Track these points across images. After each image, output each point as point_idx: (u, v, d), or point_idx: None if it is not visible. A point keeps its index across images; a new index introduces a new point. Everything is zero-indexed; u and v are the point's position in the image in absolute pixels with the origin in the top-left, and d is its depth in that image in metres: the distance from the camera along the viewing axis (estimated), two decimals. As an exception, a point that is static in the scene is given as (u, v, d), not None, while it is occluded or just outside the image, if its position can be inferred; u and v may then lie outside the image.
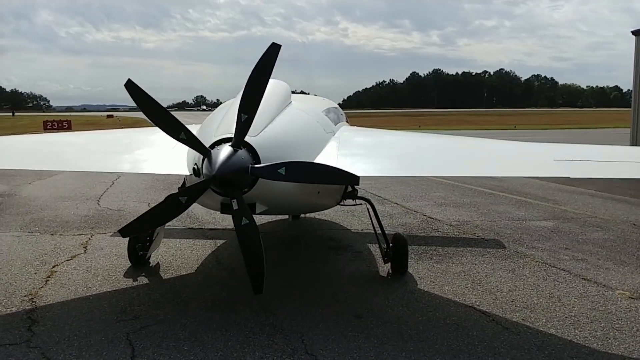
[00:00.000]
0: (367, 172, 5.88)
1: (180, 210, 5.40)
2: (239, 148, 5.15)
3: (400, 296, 6.65)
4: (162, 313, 6.05)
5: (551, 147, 6.77)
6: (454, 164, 6.16)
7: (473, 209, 12.34)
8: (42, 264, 7.82)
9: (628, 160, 6.14)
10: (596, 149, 6.65)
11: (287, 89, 7.05)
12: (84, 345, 5.23)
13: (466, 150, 6.89)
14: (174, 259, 8.12)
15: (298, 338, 5.44)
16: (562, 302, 6.48)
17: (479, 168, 6.08)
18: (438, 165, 6.10)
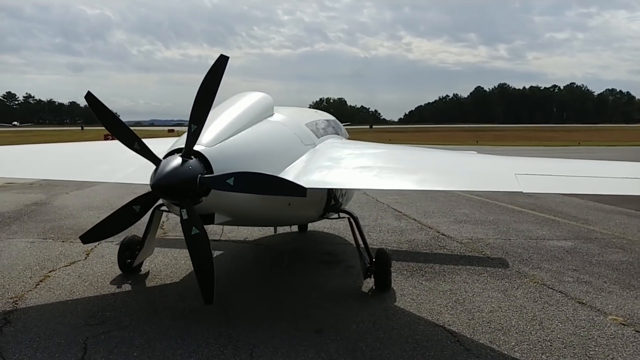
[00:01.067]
0: (325, 184, 5.83)
1: (135, 218, 5.53)
2: (189, 158, 5.21)
3: (372, 313, 6.50)
4: (128, 319, 6.17)
5: (515, 161, 6.51)
6: (409, 177, 5.99)
7: (492, 226, 11.91)
8: (40, 268, 8.15)
9: (597, 176, 5.79)
10: (564, 164, 6.35)
11: (267, 102, 7.09)
12: (41, 347, 5.41)
13: (426, 163, 6.73)
14: (165, 268, 8.29)
15: (248, 350, 5.41)
16: (542, 326, 6.14)
17: (432, 182, 5.89)
18: (390, 179, 5.95)
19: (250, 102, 6.88)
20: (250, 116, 6.50)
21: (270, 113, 7.12)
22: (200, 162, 5.29)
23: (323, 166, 6.33)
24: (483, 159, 6.83)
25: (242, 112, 6.49)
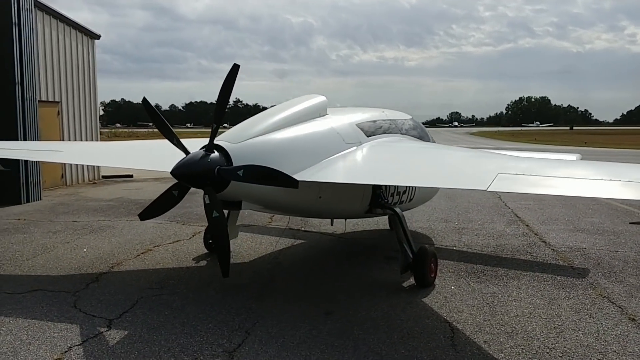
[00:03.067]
0: (317, 178, 6.32)
1: (174, 201, 6.60)
2: (211, 152, 6.13)
3: (393, 304, 6.78)
4: (182, 288, 7.36)
5: (507, 163, 6.26)
6: (391, 175, 6.23)
7: (611, 237, 10.91)
8: (150, 243, 9.82)
9: (584, 178, 5.40)
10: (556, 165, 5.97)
11: (319, 104, 7.77)
12: (104, 299, 6.82)
13: (419, 162, 6.95)
14: (246, 250, 9.38)
15: (254, 320, 6.16)
16: (559, 334, 5.87)
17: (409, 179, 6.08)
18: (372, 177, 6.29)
19: (300, 104, 7.63)
20: (293, 117, 7.24)
21: (321, 114, 7.76)
22: (222, 156, 6.14)
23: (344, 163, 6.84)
24: (474, 159, 6.79)
25: (285, 114, 7.25)
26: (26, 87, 14.39)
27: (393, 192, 8.21)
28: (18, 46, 14.12)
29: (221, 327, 5.95)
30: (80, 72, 19.65)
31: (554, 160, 7.48)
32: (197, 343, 5.53)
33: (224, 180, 6.02)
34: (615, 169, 6.04)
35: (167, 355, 5.23)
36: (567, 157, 10.26)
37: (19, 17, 14.11)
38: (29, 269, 8.23)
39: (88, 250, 9.36)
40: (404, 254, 7.47)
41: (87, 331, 5.79)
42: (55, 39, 18.12)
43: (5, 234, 10.69)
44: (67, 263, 8.54)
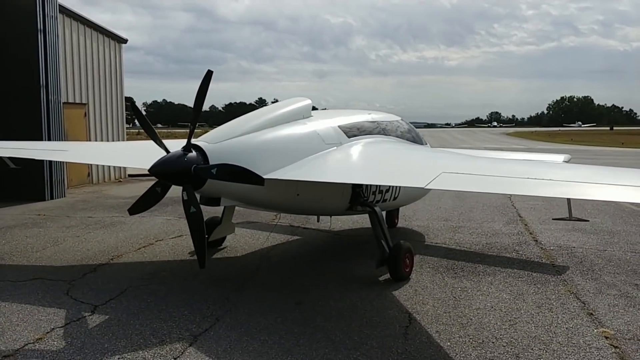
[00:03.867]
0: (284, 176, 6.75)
1: (158, 197, 7.11)
2: (189, 151, 6.62)
3: (362, 296, 7.14)
4: (171, 279, 7.89)
5: (452, 162, 6.56)
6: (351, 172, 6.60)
7: (606, 237, 10.97)
8: (153, 238, 10.42)
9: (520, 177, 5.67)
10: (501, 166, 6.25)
11: (303, 107, 8.21)
12: (96, 288, 7.40)
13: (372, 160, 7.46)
14: (242, 245, 9.87)
15: (228, 308, 6.64)
16: (513, 328, 6.13)
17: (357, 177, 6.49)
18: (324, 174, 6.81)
19: (284, 107, 8.09)
20: (275, 119, 7.71)
21: (305, 116, 8.20)
22: (200, 155, 6.63)
23: (320, 163, 7.26)
24: (426, 159, 7.21)
25: (267, 116, 7.73)
26: (51, 90, 15.26)
27: (375, 190, 8.55)
28: (43, 51, 14.99)
29: (194, 314, 6.44)
30: (107, 74, 20.57)
31: (504, 160, 7.76)
32: (168, 327, 6.02)
33: (200, 178, 6.49)
34: (568, 171, 6.29)
35: (137, 337, 5.74)
36: (554, 159, 10.42)
37: (44, 24, 14.98)
38: (35, 259, 8.91)
39: (94, 244, 10.01)
40: (380, 250, 7.82)
41: (72, 315, 6.36)
42: (82, 43, 19.05)
43: (23, 227, 11.48)
44: (72, 255, 9.19)
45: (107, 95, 20.49)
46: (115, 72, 21.13)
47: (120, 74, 21.48)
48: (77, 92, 18.78)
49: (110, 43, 20.81)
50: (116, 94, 21.21)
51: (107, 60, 20.54)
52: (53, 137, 15.33)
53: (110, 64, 20.82)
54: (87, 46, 19.29)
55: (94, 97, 19.75)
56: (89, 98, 19.46)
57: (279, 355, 5.33)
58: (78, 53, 18.81)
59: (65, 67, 17.87)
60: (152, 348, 5.47)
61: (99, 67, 20.01)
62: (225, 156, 6.65)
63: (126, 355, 5.32)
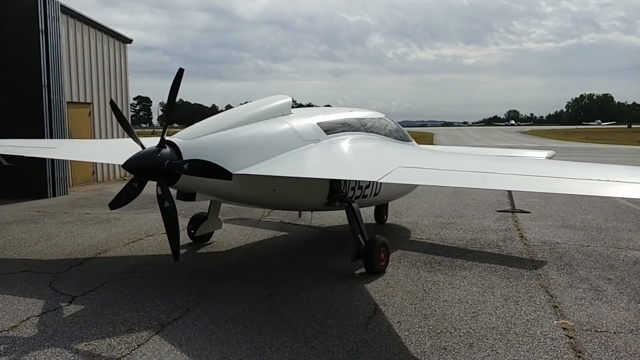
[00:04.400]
0: (255, 171, 6.93)
1: (136, 192, 7.34)
2: (163, 147, 6.84)
3: (334, 288, 7.30)
4: (152, 272, 8.13)
5: (410, 157, 6.73)
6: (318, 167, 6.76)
7: (593, 233, 10.99)
8: (143, 234, 10.69)
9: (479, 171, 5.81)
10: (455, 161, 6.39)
11: (282, 104, 8.40)
12: (79, 280, 7.65)
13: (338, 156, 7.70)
14: (229, 241, 10.09)
15: (200, 299, 6.84)
16: (475, 319, 6.25)
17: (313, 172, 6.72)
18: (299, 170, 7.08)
19: (263, 104, 8.28)
20: (253, 116, 7.91)
21: (284, 113, 8.38)
22: (173, 151, 6.85)
23: (295, 159, 7.44)
24: (388, 155, 7.36)
25: (245, 113, 7.94)
26: (53, 90, 15.63)
27: (354, 186, 8.71)
28: (45, 52, 15.36)
29: (167, 305, 6.66)
30: (112, 74, 20.96)
31: (465, 156, 7.92)
32: (139, 317, 6.25)
33: (173, 173, 6.70)
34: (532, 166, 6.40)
35: (108, 326, 5.97)
36: (537, 155, 10.51)
37: (46, 25, 15.35)
38: (26, 254, 9.22)
39: (85, 239, 10.30)
40: (356, 244, 7.98)
41: (50, 305, 6.61)
42: (87, 43, 19.43)
43: (20, 223, 11.82)
44: (62, 249, 9.48)
45: (111, 94, 20.86)
46: (120, 72, 21.51)
47: (125, 73, 21.86)
48: (81, 92, 19.16)
49: (115, 43, 21.18)
50: (121, 93, 21.59)
51: (111, 60, 20.92)
52: (55, 136, 15.70)
53: (115, 64, 21.20)
54: (91, 46, 19.68)
55: (99, 97, 20.14)
56: (93, 97, 19.85)
57: (240, 343, 5.51)
58: (82, 53, 19.19)
59: (69, 67, 18.26)
60: (119, 336, 5.70)
61: (103, 67, 20.39)
62: (198, 152, 6.86)
63: (93, 342, 5.54)
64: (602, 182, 5.27)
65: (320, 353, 5.29)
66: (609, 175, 5.44)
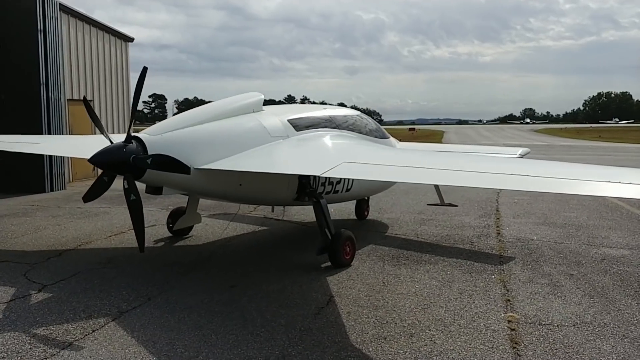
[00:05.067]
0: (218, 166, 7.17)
1: (106, 186, 7.60)
2: (129, 143, 7.10)
3: (294, 280, 7.52)
4: (126, 264, 8.40)
5: (354, 152, 6.93)
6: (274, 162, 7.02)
7: (571, 230, 11.08)
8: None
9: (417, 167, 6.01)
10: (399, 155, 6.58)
11: (252, 101, 8.63)
12: (54, 270, 7.94)
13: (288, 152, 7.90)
14: (204, 234, 10.34)
15: (166, 289, 7.10)
16: (423, 311, 6.43)
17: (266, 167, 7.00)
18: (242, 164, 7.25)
19: (234, 101, 8.52)
20: (222, 112, 8.15)
21: (255, 109, 8.61)
22: (139, 146, 7.10)
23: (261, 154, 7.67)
24: (337, 150, 7.61)
25: (214, 110, 8.18)
26: (51, 88, 16.02)
27: (324, 182, 8.90)
28: (43, 51, 15.75)
29: (130, 294, 6.92)
30: (113, 72, 21.36)
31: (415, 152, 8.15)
32: (101, 305, 6.52)
33: (138, 167, 6.95)
34: (482, 163, 6.58)
35: (69, 313, 6.25)
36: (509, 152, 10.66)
37: (45, 24, 15.74)
38: (11, 245, 9.56)
39: (71, 231, 10.63)
40: (322, 238, 8.18)
41: (19, 293, 6.92)
42: (87, 42, 19.84)
43: (12, 216, 12.21)
44: (45, 241, 9.81)
45: (112, 92, 21.27)
46: (121, 70, 21.92)
47: (126, 71, 22.26)
48: (82, 89, 19.57)
49: (116, 42, 21.58)
50: (122, 91, 21.99)
51: (112, 58, 21.33)
52: (53, 133, 16.09)
53: (117, 62, 21.60)
54: (92, 45, 20.08)
55: (99, 94, 20.55)
56: (94, 95, 20.25)
57: (189, 330, 5.76)
58: (83, 51, 19.60)
59: (70, 65, 18.67)
60: (77, 322, 5.97)
61: (104, 65, 20.80)
62: (162, 147, 7.10)
63: (52, 327, 5.82)
64: (527, 177, 5.44)
65: (264, 340, 5.51)
66: (552, 172, 5.60)
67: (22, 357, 5.12)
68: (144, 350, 5.27)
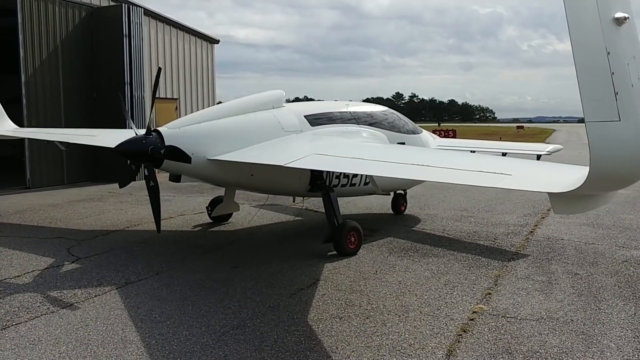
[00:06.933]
0: (228, 158, 7.84)
1: (133, 174, 8.60)
2: (150, 135, 8.03)
3: (293, 265, 8.03)
4: (145, 244, 9.37)
5: (325, 145, 7.27)
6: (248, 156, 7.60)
7: (614, 232, 10.55)
8: (180, 213, 12.07)
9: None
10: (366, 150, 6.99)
11: (273, 97, 9.27)
12: (95, 247, 9.09)
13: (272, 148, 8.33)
14: (237, 222, 11.15)
15: (168, 267, 7.95)
16: (396, 298, 6.70)
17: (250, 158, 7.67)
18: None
19: (254, 98, 9.22)
20: (240, 108, 8.88)
21: (275, 105, 9.24)
22: (158, 138, 8.01)
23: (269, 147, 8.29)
24: (315, 142, 7.96)
25: (233, 106, 8.93)
26: (134, 87, 17.71)
27: (339, 175, 9.33)
28: (128, 53, 17.47)
29: (145, 269, 7.83)
30: (198, 72, 23.01)
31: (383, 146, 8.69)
32: (115, 276, 7.47)
33: (155, 157, 7.84)
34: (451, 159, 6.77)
35: (86, 280, 7.25)
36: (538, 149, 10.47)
37: (129, 29, 17.44)
38: (73, 224, 10.95)
39: (129, 215, 11.90)
40: (329, 228, 8.64)
41: (56, 262, 8.07)
42: (174, 44, 21.57)
43: (87, 201, 13.81)
44: (102, 222, 11.11)
45: (197, 90, 22.90)
46: (207, 70, 23.52)
47: (212, 71, 23.84)
48: (168, 88, 21.32)
49: (202, 44, 23.20)
50: (208, 90, 23.59)
51: (198, 59, 22.96)
52: (137, 128, 17.74)
53: (202, 63, 23.22)
54: (178, 47, 21.79)
55: (185, 93, 22.23)
56: (179, 93, 21.95)
57: (174, 301, 6.50)
58: (170, 53, 21.34)
59: (157, 65, 20.40)
60: (87, 288, 6.94)
61: (190, 66, 22.45)
62: (177, 140, 7.93)
63: (65, 291, 6.83)
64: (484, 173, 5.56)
65: (231, 312, 6.12)
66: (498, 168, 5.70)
67: (29, 311, 6.11)
68: (125, 313, 6.08)
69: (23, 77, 16.12)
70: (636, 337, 5.55)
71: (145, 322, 5.83)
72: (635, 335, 5.59)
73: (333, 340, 5.40)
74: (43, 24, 16.59)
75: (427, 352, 5.19)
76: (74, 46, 17.57)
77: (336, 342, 5.38)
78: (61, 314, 6.08)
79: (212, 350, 5.15)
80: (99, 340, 5.39)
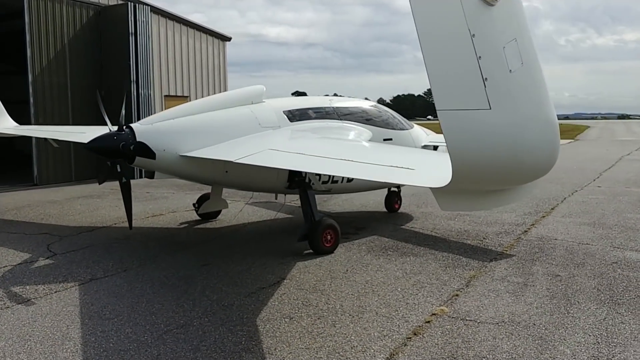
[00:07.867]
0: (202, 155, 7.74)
1: (110, 170, 8.58)
2: (122, 131, 8.00)
3: (264, 262, 7.91)
4: (121, 241, 9.36)
5: (282, 140, 7.09)
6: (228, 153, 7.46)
7: (614, 232, 10.10)
8: (170, 211, 12.07)
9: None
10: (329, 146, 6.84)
11: (252, 93, 9.14)
12: (75, 243, 9.13)
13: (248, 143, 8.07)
14: (226, 218, 11.07)
15: (145, 262, 7.91)
16: (358, 298, 6.51)
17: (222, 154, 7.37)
18: None
19: (233, 94, 9.14)
20: (217, 104, 8.80)
21: (254, 101, 9.11)
22: (131, 134, 7.97)
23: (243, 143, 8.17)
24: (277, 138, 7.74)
25: (209, 102, 8.87)
26: (141, 85, 17.84)
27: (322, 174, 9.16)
28: (135, 51, 17.59)
29: (114, 265, 7.82)
30: (210, 69, 23.08)
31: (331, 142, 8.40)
32: (82, 272, 7.47)
33: (126, 154, 7.81)
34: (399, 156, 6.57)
35: (53, 276, 7.27)
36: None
37: (135, 27, 17.56)
38: (62, 220, 11.04)
39: (120, 212, 11.90)
40: (305, 226, 8.47)
41: (30, 258, 8.13)
42: (185, 42, 21.67)
43: (86, 198, 13.96)
44: (93, 219, 11.18)
45: (209, 88, 22.96)
46: (218, 67, 23.57)
47: (223, 68, 23.89)
48: (178, 86, 21.44)
49: (213, 41, 23.25)
50: (219, 87, 23.63)
51: (209, 56, 23.02)
52: (142, 125, 17.88)
53: (214, 60, 23.28)
54: (189, 45, 21.88)
55: (196, 90, 22.31)
56: (190, 91, 22.06)
57: (131, 297, 6.45)
58: (180, 51, 21.44)
59: (167, 63, 20.56)
60: (50, 284, 6.94)
61: (201, 63, 22.54)
62: (150, 136, 7.88)
63: (27, 286, 6.85)
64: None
65: (182, 311, 6.03)
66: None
67: (-15, 307, 6.12)
68: (76, 309, 6.05)
69: (30, 77, 16.37)
70: (597, 344, 5.24)
71: (92, 319, 5.78)
72: (597, 342, 5.28)
73: (274, 341, 5.25)
74: (50, 24, 16.81)
75: (368, 355, 4.99)
76: (81, 45, 17.78)
77: (277, 343, 5.23)
78: (14, 309, 6.08)
79: (147, 349, 5.06)
80: (39, 336, 5.35)
